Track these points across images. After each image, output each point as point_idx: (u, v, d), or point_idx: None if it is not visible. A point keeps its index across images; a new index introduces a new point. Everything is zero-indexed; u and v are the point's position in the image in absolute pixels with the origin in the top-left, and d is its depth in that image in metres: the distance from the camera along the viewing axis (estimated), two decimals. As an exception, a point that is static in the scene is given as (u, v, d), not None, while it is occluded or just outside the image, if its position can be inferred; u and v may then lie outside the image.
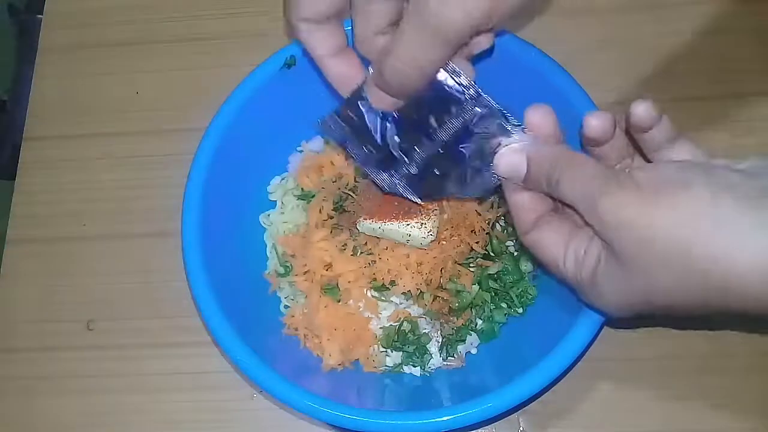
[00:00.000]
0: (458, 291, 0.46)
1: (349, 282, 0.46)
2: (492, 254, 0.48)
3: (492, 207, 0.48)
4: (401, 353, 0.48)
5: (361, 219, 0.46)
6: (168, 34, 0.61)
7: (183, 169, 0.47)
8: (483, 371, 0.47)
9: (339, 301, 0.47)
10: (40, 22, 0.63)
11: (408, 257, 0.46)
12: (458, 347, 0.48)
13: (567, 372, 0.41)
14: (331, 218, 0.48)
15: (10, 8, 0.67)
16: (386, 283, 0.46)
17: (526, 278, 0.48)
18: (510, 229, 0.49)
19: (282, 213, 0.51)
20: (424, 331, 0.48)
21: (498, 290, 0.47)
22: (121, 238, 0.55)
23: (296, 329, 0.48)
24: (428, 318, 0.48)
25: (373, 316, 0.47)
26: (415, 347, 0.47)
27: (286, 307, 0.50)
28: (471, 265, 0.47)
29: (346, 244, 0.47)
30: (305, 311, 0.48)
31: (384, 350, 0.48)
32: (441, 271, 0.46)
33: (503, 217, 0.49)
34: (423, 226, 0.45)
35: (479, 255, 0.47)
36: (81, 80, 0.61)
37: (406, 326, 0.47)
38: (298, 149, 0.53)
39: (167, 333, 0.52)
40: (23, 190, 0.58)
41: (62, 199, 0.57)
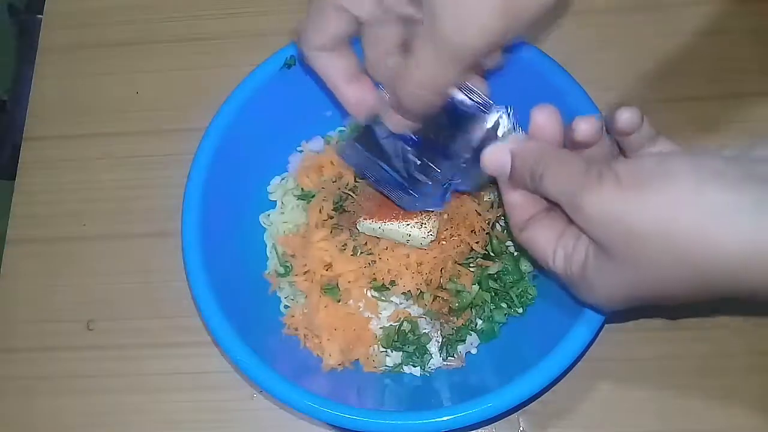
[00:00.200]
0: (458, 291, 0.46)
1: (349, 282, 0.46)
2: (492, 254, 0.48)
3: (492, 207, 0.48)
4: (401, 353, 0.48)
5: (361, 219, 0.46)
6: (168, 34, 0.61)
7: (183, 169, 0.47)
8: (483, 371, 0.47)
9: (339, 301, 0.47)
10: (40, 22, 0.63)
11: (408, 257, 0.46)
12: (458, 347, 0.48)
13: (567, 372, 0.41)
14: (331, 218, 0.48)
15: (10, 8, 0.67)
16: (386, 283, 0.46)
17: (526, 278, 0.48)
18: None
19: (282, 213, 0.51)
20: (424, 331, 0.48)
21: (498, 290, 0.47)
22: (121, 238, 0.55)
23: (296, 329, 0.48)
24: (428, 318, 0.48)
25: (373, 316, 0.47)
26: (415, 347, 0.47)
27: (286, 307, 0.50)
28: (471, 265, 0.47)
29: (346, 244, 0.47)
30: (305, 311, 0.48)
31: (384, 350, 0.48)
32: (441, 271, 0.46)
33: (503, 217, 0.49)
34: (423, 226, 0.45)
35: (479, 255, 0.47)
36: (81, 80, 0.61)
37: (406, 326, 0.47)
38: (298, 149, 0.53)
39: (167, 333, 0.52)
40: (23, 190, 0.58)
41: (62, 199, 0.57)
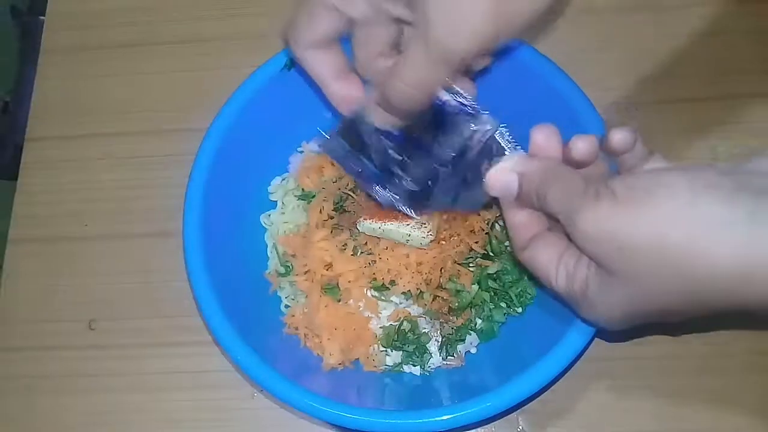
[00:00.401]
0: (458, 291, 0.47)
1: (349, 282, 0.46)
2: (491, 254, 0.48)
3: (491, 207, 0.48)
4: (401, 352, 0.48)
5: (361, 219, 0.46)
6: (169, 36, 0.61)
7: (183, 170, 0.47)
8: (482, 371, 0.47)
9: (339, 301, 0.47)
10: (43, 24, 0.63)
11: (408, 257, 0.46)
12: (458, 347, 0.48)
13: (566, 371, 0.41)
14: (332, 218, 0.48)
15: (13, 10, 0.67)
16: (386, 283, 0.46)
17: (526, 278, 0.48)
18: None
19: (282, 213, 0.51)
20: (424, 331, 0.48)
21: (497, 290, 0.47)
22: (122, 238, 0.55)
23: (296, 329, 0.48)
24: (428, 317, 0.48)
25: (373, 316, 0.47)
26: (415, 347, 0.47)
27: (287, 307, 0.50)
28: (470, 265, 0.48)
29: (347, 244, 0.47)
30: (305, 311, 0.48)
31: (384, 349, 0.48)
32: (440, 271, 0.46)
33: (502, 218, 0.49)
34: (423, 226, 0.45)
35: (479, 255, 0.48)
36: (83, 81, 0.61)
37: (406, 326, 0.47)
38: (299, 150, 0.54)
39: (168, 332, 0.52)
40: (25, 190, 0.58)
41: (63, 199, 0.57)
